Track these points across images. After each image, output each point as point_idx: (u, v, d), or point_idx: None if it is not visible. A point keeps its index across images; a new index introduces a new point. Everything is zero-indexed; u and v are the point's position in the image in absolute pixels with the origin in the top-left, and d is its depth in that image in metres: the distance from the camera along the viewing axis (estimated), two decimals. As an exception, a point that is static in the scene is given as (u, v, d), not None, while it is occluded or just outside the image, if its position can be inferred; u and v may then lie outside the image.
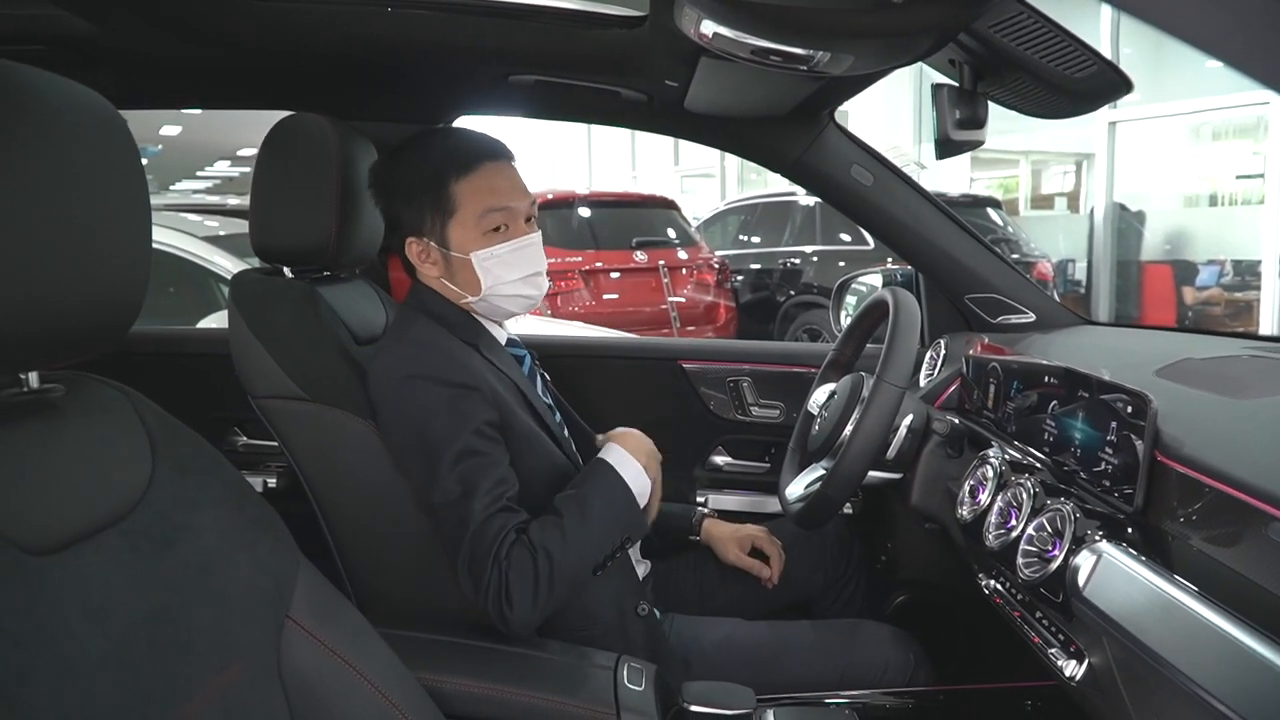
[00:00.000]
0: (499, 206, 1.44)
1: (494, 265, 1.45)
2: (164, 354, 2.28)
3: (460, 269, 1.46)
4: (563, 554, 1.33)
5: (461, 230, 1.45)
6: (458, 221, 1.44)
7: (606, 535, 1.39)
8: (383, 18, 1.56)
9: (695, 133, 1.98)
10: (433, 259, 1.48)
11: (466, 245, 1.45)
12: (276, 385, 1.47)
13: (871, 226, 1.97)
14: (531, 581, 1.30)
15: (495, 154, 1.47)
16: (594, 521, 1.37)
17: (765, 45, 1.14)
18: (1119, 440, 1.07)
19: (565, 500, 1.39)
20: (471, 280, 1.46)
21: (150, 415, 0.92)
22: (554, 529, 1.34)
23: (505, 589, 1.30)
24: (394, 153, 1.50)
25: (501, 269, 1.46)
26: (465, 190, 1.44)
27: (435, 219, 1.45)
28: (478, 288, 1.46)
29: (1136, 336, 1.94)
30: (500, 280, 1.46)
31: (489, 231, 1.45)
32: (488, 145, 1.48)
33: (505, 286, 1.47)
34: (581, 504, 1.38)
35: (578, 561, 1.35)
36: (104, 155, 0.80)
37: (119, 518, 0.82)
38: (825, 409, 1.63)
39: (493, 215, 1.44)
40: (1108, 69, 1.19)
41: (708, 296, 7.00)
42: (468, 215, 1.44)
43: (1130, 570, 0.95)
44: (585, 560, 1.37)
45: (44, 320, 0.76)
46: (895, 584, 1.92)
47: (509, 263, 1.46)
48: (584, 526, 1.36)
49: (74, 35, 1.54)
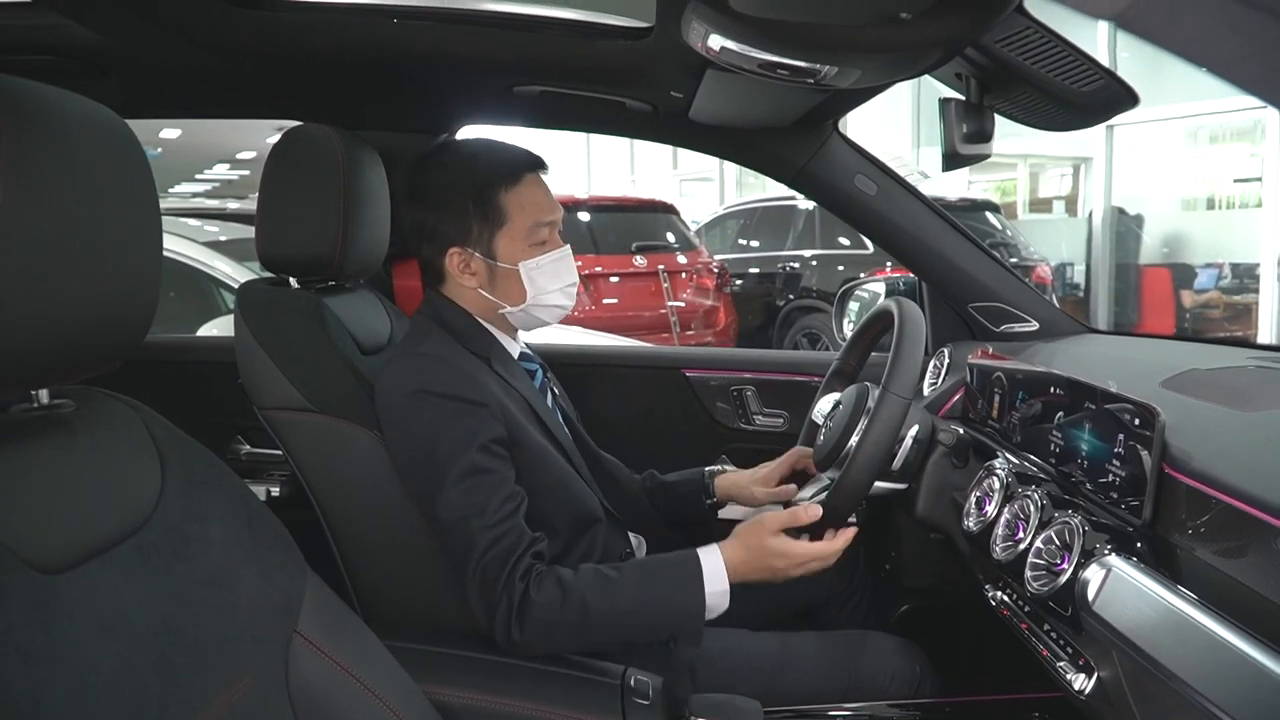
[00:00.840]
0: (548, 220, 1.49)
1: (539, 276, 1.48)
2: (169, 362, 2.29)
3: (504, 279, 1.48)
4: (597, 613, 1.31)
5: (510, 241, 1.47)
6: (507, 233, 1.46)
7: (654, 627, 1.35)
8: (389, 28, 1.56)
9: (700, 143, 1.98)
10: (473, 269, 1.48)
11: (515, 256, 1.47)
12: (283, 396, 1.47)
13: (875, 236, 1.98)
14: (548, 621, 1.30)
15: (536, 165, 1.50)
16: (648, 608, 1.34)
17: (773, 59, 1.14)
18: (1126, 452, 1.07)
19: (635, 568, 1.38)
20: (514, 291, 1.48)
21: (159, 429, 0.92)
22: (602, 585, 1.32)
23: (516, 613, 1.30)
24: (427, 162, 1.50)
25: (545, 279, 1.49)
26: (514, 201, 1.46)
27: (483, 229, 1.46)
28: (520, 298, 1.49)
29: (1140, 346, 1.94)
30: (543, 290, 1.49)
31: (535, 244, 1.48)
32: (530, 157, 1.50)
33: (546, 296, 1.50)
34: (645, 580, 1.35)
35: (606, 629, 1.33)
36: (114, 171, 0.81)
37: (130, 533, 0.83)
38: (830, 419, 1.63)
39: (542, 229, 1.48)
40: (1113, 82, 1.20)
41: (707, 301, 7.01)
42: (518, 227, 1.46)
43: (1140, 584, 0.95)
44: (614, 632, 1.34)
45: (55, 339, 0.76)
46: (901, 592, 1.92)
47: (551, 273, 1.49)
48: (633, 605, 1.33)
49: (81, 45, 1.55)
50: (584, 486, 1.53)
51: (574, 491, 1.50)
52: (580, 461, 1.58)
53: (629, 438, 1.91)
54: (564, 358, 2.21)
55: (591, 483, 1.58)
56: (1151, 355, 1.69)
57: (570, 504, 1.48)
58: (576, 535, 1.50)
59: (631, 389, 2.25)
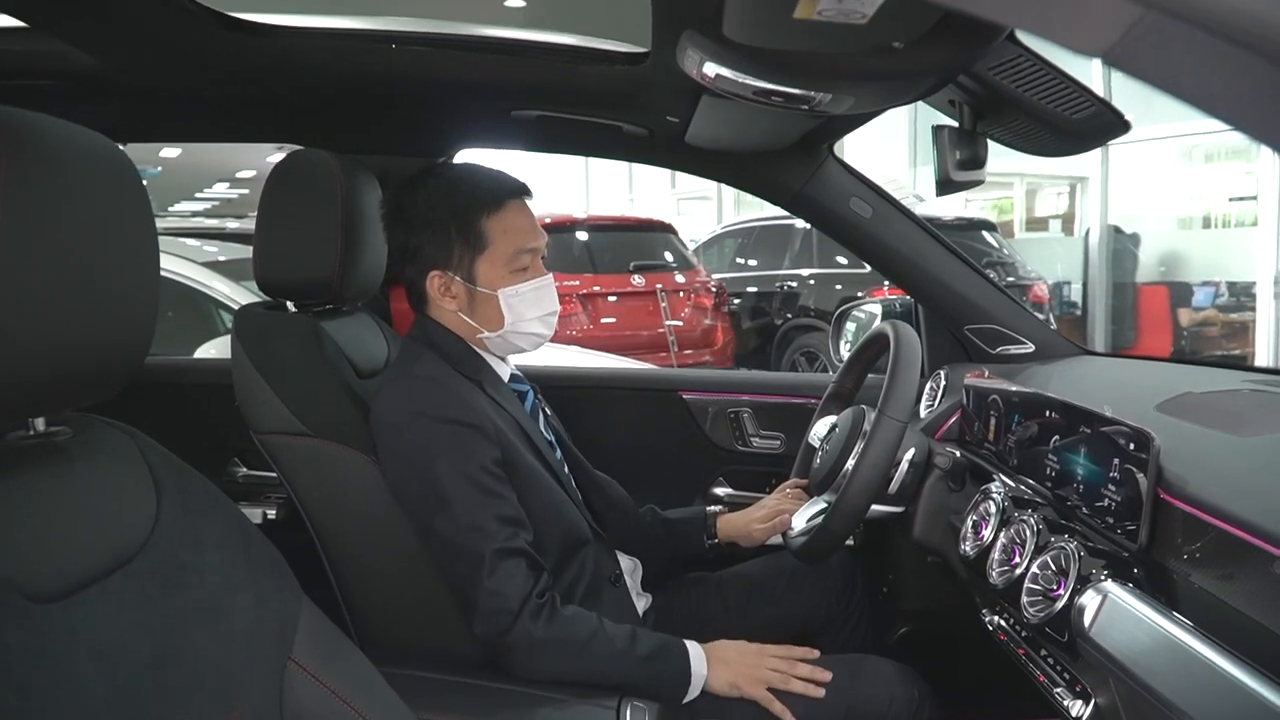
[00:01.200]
0: (529, 247, 1.49)
1: (518, 303, 1.48)
2: (166, 384, 2.29)
3: (483, 304, 1.48)
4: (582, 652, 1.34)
5: (490, 266, 1.47)
6: (487, 258, 1.47)
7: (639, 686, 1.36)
8: (388, 54, 1.57)
9: (696, 166, 1.99)
10: (453, 293, 1.49)
11: (494, 281, 1.47)
12: (279, 421, 1.47)
13: (871, 258, 1.98)
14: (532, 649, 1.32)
15: (520, 192, 1.51)
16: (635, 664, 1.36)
17: (767, 86, 1.15)
18: (1122, 476, 1.08)
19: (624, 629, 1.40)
20: (493, 316, 1.49)
21: (155, 456, 0.92)
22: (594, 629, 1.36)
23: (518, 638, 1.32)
24: (413, 185, 1.51)
25: (524, 306, 1.49)
26: (496, 227, 1.47)
27: (464, 253, 1.47)
28: (498, 323, 1.49)
29: (1135, 368, 1.94)
30: (521, 317, 1.49)
31: (516, 271, 1.48)
32: (514, 183, 1.51)
33: (524, 324, 1.50)
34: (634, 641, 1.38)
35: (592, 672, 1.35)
36: (111, 200, 0.81)
37: (125, 561, 0.82)
38: (827, 442, 1.63)
39: (523, 255, 1.48)
40: (1105, 109, 1.21)
41: (705, 320, 7.01)
42: (499, 253, 1.47)
43: (1136, 611, 0.95)
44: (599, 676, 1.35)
45: (52, 368, 0.76)
46: (898, 615, 1.91)
47: (531, 300, 1.49)
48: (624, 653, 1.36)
49: (80, 70, 1.56)
50: (574, 509, 1.53)
51: (564, 513, 1.50)
52: (570, 484, 1.58)
53: (625, 460, 1.91)
54: (560, 380, 2.22)
55: (581, 505, 1.58)
56: (1146, 378, 1.69)
57: (561, 526, 1.49)
58: (566, 556, 1.50)
59: (628, 411, 2.25)
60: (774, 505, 1.74)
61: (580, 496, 1.61)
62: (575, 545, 1.52)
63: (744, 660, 1.41)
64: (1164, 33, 0.45)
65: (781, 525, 1.67)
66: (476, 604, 1.33)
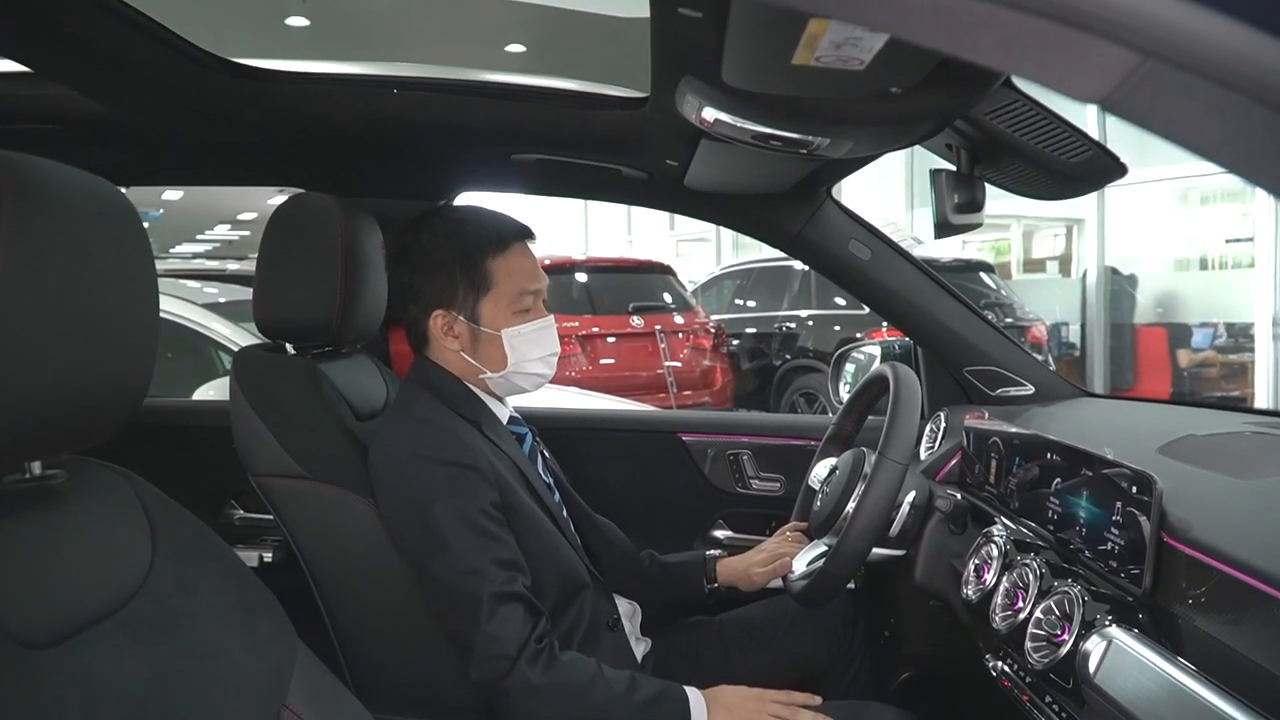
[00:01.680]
0: (533, 289, 1.50)
1: (520, 343, 1.49)
2: (163, 426, 2.28)
3: (486, 344, 1.49)
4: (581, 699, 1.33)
5: (494, 307, 1.48)
6: (491, 298, 1.48)
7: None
8: (390, 98, 1.59)
9: (695, 209, 2.01)
10: (456, 333, 1.49)
11: (498, 322, 1.48)
12: (277, 464, 1.47)
13: (870, 300, 1.98)
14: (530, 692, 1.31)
15: (523, 234, 1.52)
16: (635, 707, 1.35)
17: (765, 131, 1.16)
18: (1125, 520, 1.07)
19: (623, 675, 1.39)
20: (496, 356, 1.49)
21: (150, 499, 0.91)
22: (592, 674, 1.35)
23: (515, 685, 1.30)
24: (418, 226, 1.52)
25: (526, 347, 1.49)
26: (501, 268, 1.48)
27: (468, 294, 1.47)
28: (501, 364, 1.49)
29: (1136, 410, 1.94)
30: (524, 358, 1.50)
31: (519, 312, 1.49)
32: (518, 225, 1.52)
33: (527, 364, 1.50)
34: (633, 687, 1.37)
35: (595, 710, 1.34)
36: (112, 245, 0.81)
37: (118, 606, 0.82)
38: (827, 484, 1.63)
39: (526, 297, 1.49)
40: (1102, 154, 1.22)
41: (704, 361, 7.02)
42: (503, 294, 1.48)
43: (1141, 657, 0.94)
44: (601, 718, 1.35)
45: (49, 412, 0.76)
46: (900, 660, 1.89)
47: (533, 341, 1.50)
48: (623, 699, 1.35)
49: (83, 115, 1.57)
50: (572, 552, 1.52)
51: (562, 557, 1.49)
52: (569, 527, 1.57)
53: (624, 502, 1.90)
54: (559, 421, 2.21)
55: (579, 549, 1.57)
56: (1148, 420, 1.69)
57: (559, 569, 1.48)
58: (564, 600, 1.49)
59: (627, 453, 2.24)
60: (774, 548, 1.73)
61: (579, 540, 1.60)
62: (573, 589, 1.51)
63: (745, 706, 1.40)
64: (1162, 80, 0.46)
65: (782, 569, 1.66)
66: (474, 649, 1.31)
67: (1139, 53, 0.45)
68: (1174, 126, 0.50)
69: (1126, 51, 0.45)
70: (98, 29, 1.26)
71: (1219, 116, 0.47)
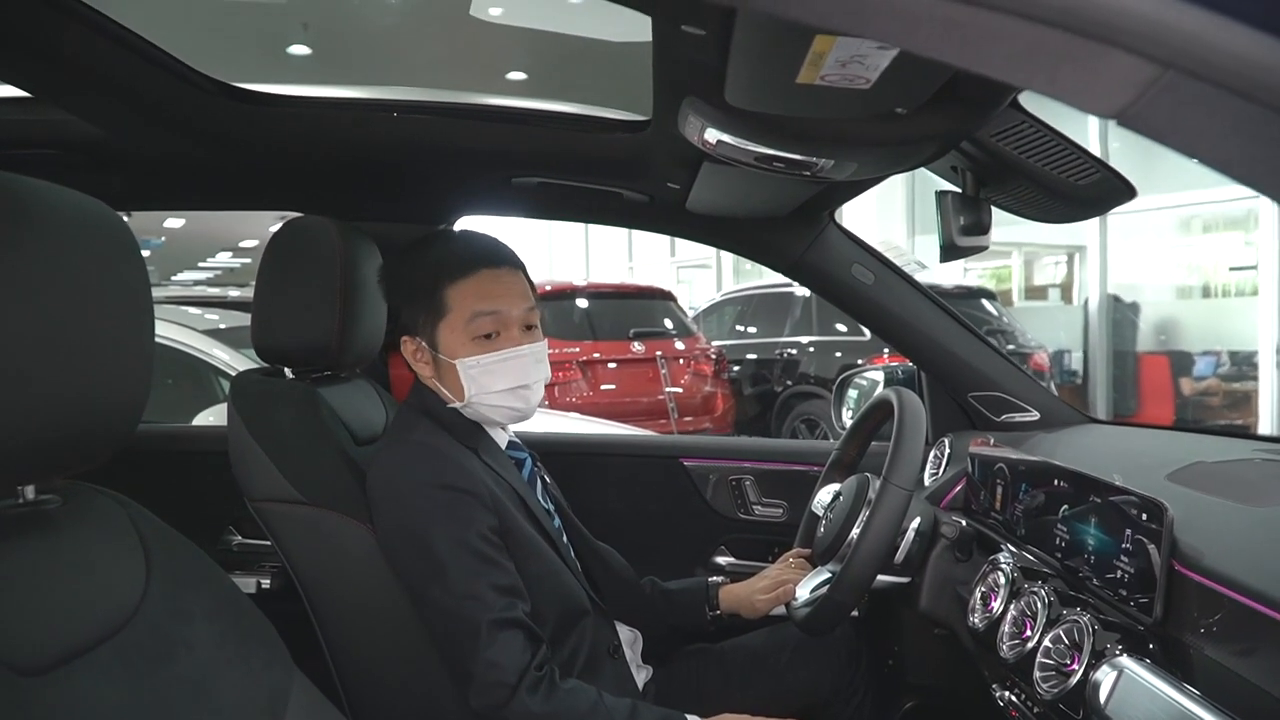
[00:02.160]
0: (486, 311, 1.42)
1: (479, 374, 1.43)
2: (160, 452, 2.26)
3: (448, 373, 1.45)
4: None
5: (450, 334, 1.43)
6: (447, 325, 1.43)
7: None
8: (389, 122, 1.59)
9: (697, 233, 2.00)
10: (424, 359, 1.47)
11: (455, 350, 1.43)
12: (274, 489, 1.45)
13: (873, 325, 1.97)
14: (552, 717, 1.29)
15: (494, 260, 1.46)
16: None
17: (769, 152, 1.15)
18: (1134, 547, 1.05)
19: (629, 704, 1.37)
20: (459, 386, 1.45)
21: (146, 526, 0.90)
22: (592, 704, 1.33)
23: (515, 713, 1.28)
24: (402, 252, 1.51)
25: (486, 378, 1.44)
26: (456, 294, 1.43)
27: (427, 320, 1.44)
28: (462, 393, 1.45)
29: (1143, 436, 1.92)
30: (485, 390, 1.44)
31: (479, 338, 1.43)
32: (487, 250, 1.47)
33: (490, 397, 1.45)
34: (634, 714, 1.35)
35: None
36: (107, 267, 0.80)
37: (112, 633, 0.81)
38: (830, 510, 1.61)
39: (480, 320, 1.42)
40: (1111, 175, 1.20)
41: (705, 387, 7.01)
42: (457, 319, 1.43)
43: (1153, 687, 0.92)
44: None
45: (42, 436, 0.75)
46: (904, 690, 1.86)
47: (495, 373, 1.44)
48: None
49: (83, 139, 1.57)
50: (572, 578, 1.50)
51: (562, 582, 1.47)
52: (569, 553, 1.55)
53: (625, 528, 1.88)
54: (559, 447, 2.20)
55: (580, 575, 1.55)
56: (1155, 447, 1.67)
57: (558, 595, 1.46)
58: (564, 627, 1.47)
59: (628, 478, 2.22)
60: (777, 575, 1.71)
61: (579, 566, 1.58)
62: (574, 616, 1.49)
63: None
64: (1182, 92, 0.44)
65: (785, 595, 1.63)
66: (473, 676, 1.29)
67: (1158, 64, 0.44)
68: (1194, 141, 0.49)
69: (1145, 63, 0.44)
70: (98, 54, 1.26)
71: (1242, 130, 0.46)
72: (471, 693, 1.31)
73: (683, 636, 1.75)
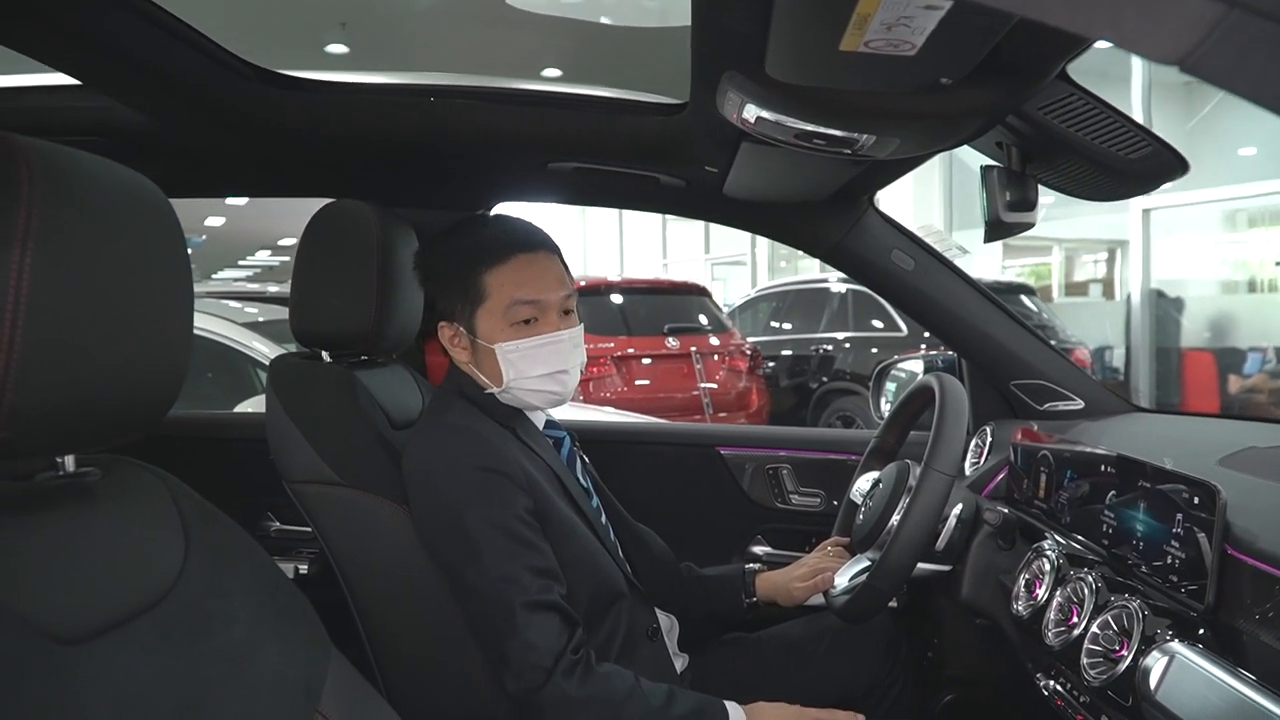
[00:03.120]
0: (526, 299, 1.43)
1: (517, 359, 1.43)
2: (202, 438, 2.29)
3: (486, 358, 1.45)
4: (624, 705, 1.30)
5: (489, 320, 1.44)
6: (486, 311, 1.44)
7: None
8: (426, 107, 1.59)
9: (733, 218, 1.98)
10: (462, 344, 1.47)
11: (493, 335, 1.43)
12: (311, 470, 1.46)
13: (913, 312, 1.94)
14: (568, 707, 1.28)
15: (531, 245, 1.46)
16: None
17: (809, 129, 1.13)
18: (1184, 533, 1.03)
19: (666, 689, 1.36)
20: (494, 372, 1.45)
21: (185, 501, 0.91)
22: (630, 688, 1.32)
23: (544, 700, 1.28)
24: (438, 237, 1.51)
25: (525, 363, 1.44)
26: (494, 280, 1.43)
27: (465, 306, 1.45)
28: (499, 379, 1.45)
29: (1191, 424, 1.88)
30: (523, 375, 1.44)
31: (517, 324, 1.43)
32: (524, 236, 1.47)
33: (528, 381, 1.45)
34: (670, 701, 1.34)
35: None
36: (150, 241, 0.81)
37: (150, 606, 0.81)
38: (870, 498, 1.59)
39: (520, 308, 1.43)
40: (1162, 149, 1.17)
41: (740, 383, 6.97)
42: (495, 305, 1.43)
43: (1206, 672, 0.90)
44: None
45: (81, 405, 0.75)
46: (945, 682, 1.84)
47: (533, 358, 1.44)
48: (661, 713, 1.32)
49: (127, 126, 1.58)
50: (609, 560, 1.49)
51: (599, 565, 1.46)
52: (608, 535, 1.54)
53: (661, 517, 1.87)
54: (596, 434, 2.19)
55: (619, 556, 1.54)
56: (1205, 434, 1.63)
57: (595, 577, 1.45)
58: (600, 609, 1.46)
59: (665, 467, 2.21)
60: (815, 563, 1.69)
61: (618, 547, 1.57)
62: (610, 598, 1.48)
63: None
64: (1249, 33, 0.42)
65: (823, 584, 1.62)
66: (508, 659, 1.29)
67: (1223, 3, 0.42)
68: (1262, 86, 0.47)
69: (1210, 3, 0.42)
70: (145, 41, 1.28)
71: None
72: (507, 676, 1.30)
73: (719, 625, 1.74)
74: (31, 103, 1.57)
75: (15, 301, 0.66)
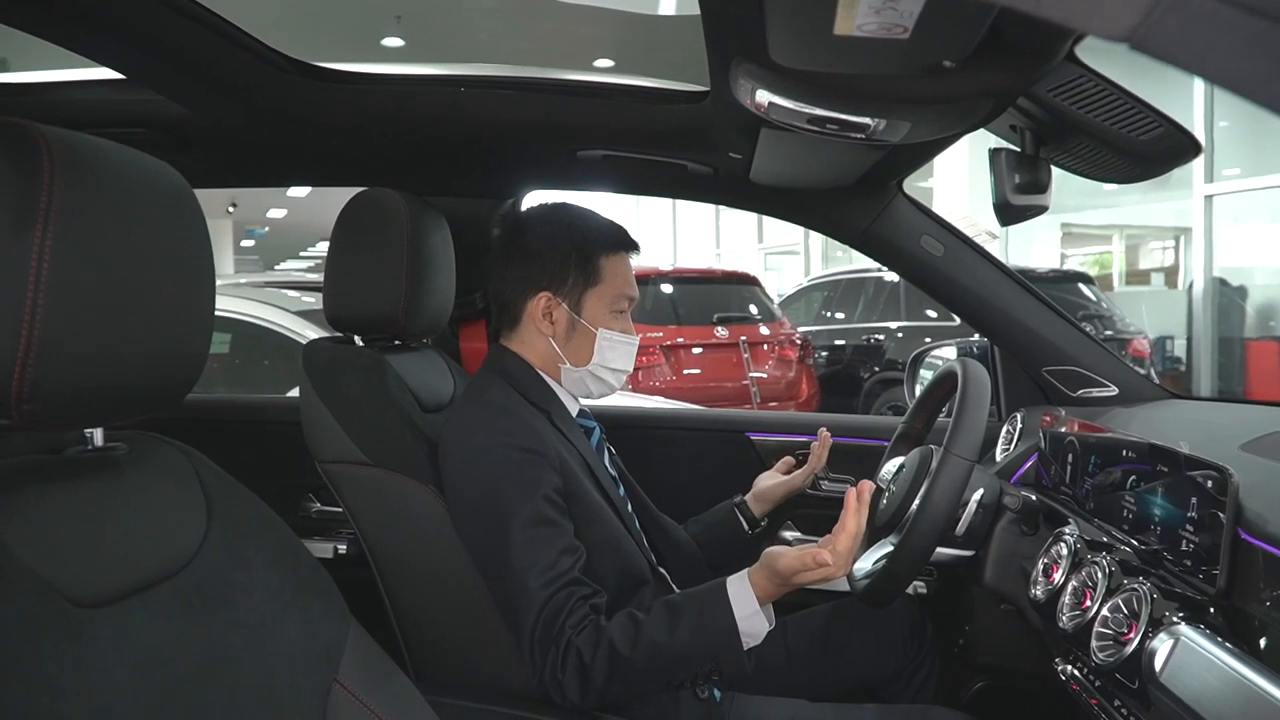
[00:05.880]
0: (630, 294, 1.55)
1: (608, 347, 1.53)
2: (243, 421, 2.35)
3: (579, 337, 1.52)
4: (630, 652, 1.27)
5: (597, 301, 1.52)
6: (597, 292, 1.52)
7: (691, 657, 1.28)
8: (457, 97, 1.61)
9: (762, 204, 1.98)
10: (554, 318, 1.52)
11: (596, 318, 1.52)
12: (342, 450, 1.50)
13: (944, 298, 1.93)
14: (582, 669, 1.28)
15: (633, 244, 1.57)
16: (680, 637, 1.28)
17: (821, 114, 1.13)
18: (1200, 518, 1.02)
19: (662, 604, 1.33)
20: (583, 351, 1.52)
21: (208, 474, 0.94)
22: (630, 626, 1.30)
23: (562, 664, 1.29)
24: (534, 214, 1.58)
25: (612, 353, 1.53)
26: (610, 267, 1.52)
27: (577, 282, 1.51)
28: (585, 359, 1.52)
29: (1224, 410, 1.84)
30: (605, 361, 1.53)
31: (616, 313, 1.53)
32: (628, 235, 1.58)
33: (604, 370, 1.54)
34: (673, 615, 1.30)
35: (645, 669, 1.28)
36: (170, 227, 0.84)
37: (170, 574, 0.83)
38: (893, 483, 1.59)
39: (624, 300, 1.54)
40: (1175, 130, 1.15)
41: (789, 372, 6.93)
42: (607, 291, 1.52)
43: (1210, 655, 0.89)
44: (655, 671, 1.28)
45: (102, 380, 0.78)
46: (973, 669, 1.83)
47: (619, 351, 1.54)
48: (667, 637, 1.28)
49: (167, 118, 1.63)
50: (634, 546, 1.51)
51: (624, 550, 1.48)
52: (634, 523, 1.56)
53: (691, 502, 1.88)
54: (626, 420, 2.21)
55: (643, 543, 1.56)
56: (1235, 419, 1.60)
57: (619, 562, 1.47)
58: (624, 594, 1.47)
59: (694, 452, 2.22)
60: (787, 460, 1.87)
61: (643, 535, 1.59)
62: (634, 583, 1.50)
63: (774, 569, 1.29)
64: (1191, 9, 0.43)
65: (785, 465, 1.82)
66: (530, 633, 1.31)
67: None
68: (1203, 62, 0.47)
69: None
70: (186, 37, 1.32)
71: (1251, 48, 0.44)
72: (528, 650, 1.32)
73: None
74: (76, 95, 1.62)
75: (37, 280, 0.70)
